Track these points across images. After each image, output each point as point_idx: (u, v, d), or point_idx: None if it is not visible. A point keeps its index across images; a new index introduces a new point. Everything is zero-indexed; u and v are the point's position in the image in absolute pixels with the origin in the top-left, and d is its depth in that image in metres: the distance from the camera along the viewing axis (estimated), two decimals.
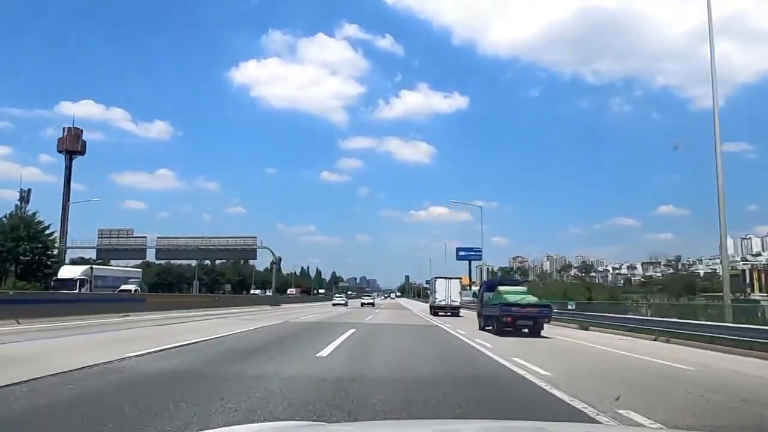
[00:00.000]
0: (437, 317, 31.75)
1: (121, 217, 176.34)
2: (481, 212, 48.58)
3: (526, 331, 16.88)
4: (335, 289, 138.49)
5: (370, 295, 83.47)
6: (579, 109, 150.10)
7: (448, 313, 34.43)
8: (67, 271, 41.71)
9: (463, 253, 73.65)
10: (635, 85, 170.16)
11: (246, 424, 3.85)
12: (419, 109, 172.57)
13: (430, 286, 45.08)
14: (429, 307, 39.11)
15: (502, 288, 18.44)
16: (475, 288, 43.76)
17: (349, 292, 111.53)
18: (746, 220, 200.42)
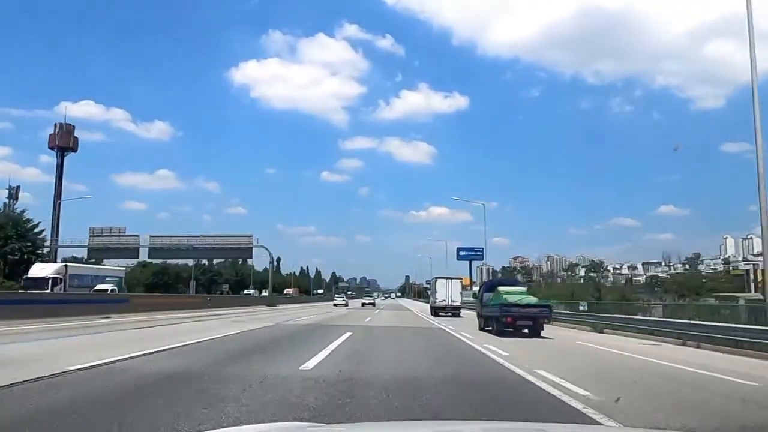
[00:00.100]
0: (438, 318, 31.51)
1: (121, 218, 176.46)
2: (483, 210, 46.96)
3: (526, 331, 16.68)
4: (335, 290, 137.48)
5: (371, 296, 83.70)
6: (579, 109, 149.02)
7: (449, 314, 34.37)
8: (39, 269, 37.70)
9: (463, 253, 73.40)
10: (635, 85, 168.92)
11: (253, 424, 3.95)
12: (419, 110, 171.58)
13: (431, 287, 45.15)
14: (429, 308, 39.20)
15: (501, 288, 18.34)
16: (476, 288, 42.57)
17: (349, 293, 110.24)
18: (747, 221, 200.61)
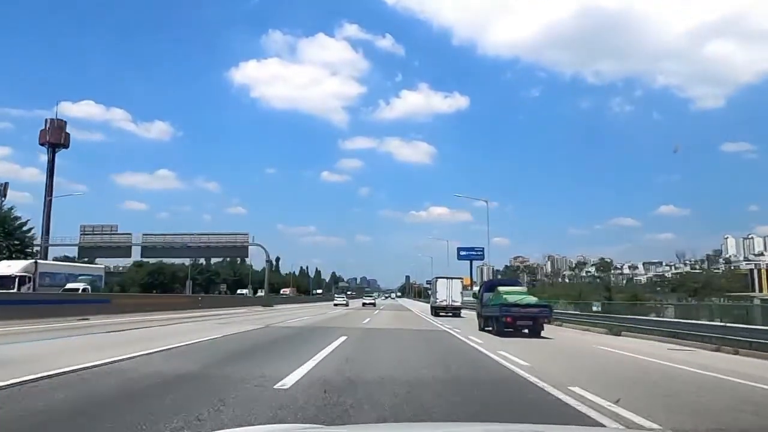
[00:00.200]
0: (439, 318, 31.24)
1: (121, 218, 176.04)
2: (486, 207, 45.48)
3: (526, 331, 16.65)
4: (335, 290, 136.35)
5: (371, 296, 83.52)
6: (579, 109, 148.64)
7: (449, 314, 34.32)
8: (4, 267, 34.73)
9: (464, 253, 72.60)
10: (636, 85, 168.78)
11: (256, 426, 3.95)
12: (420, 109, 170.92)
13: (431, 287, 45.24)
14: (430, 308, 39.13)
15: (501, 288, 18.36)
16: (477, 288, 41.62)
17: (349, 293, 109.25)
18: (747, 220, 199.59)
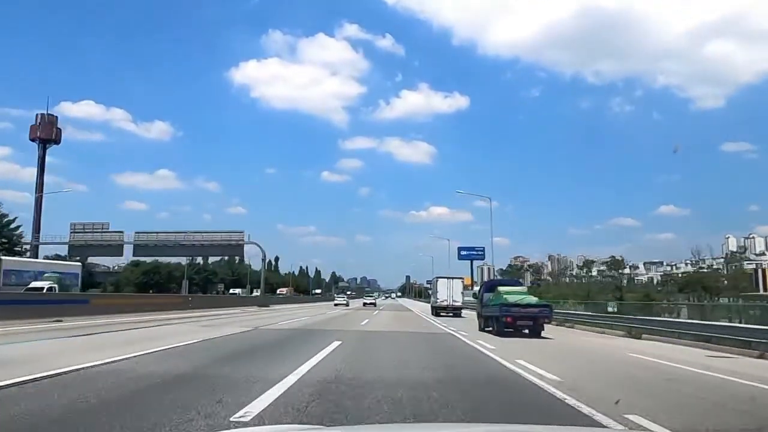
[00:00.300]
0: (439, 318, 30.91)
1: (121, 218, 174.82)
2: (489, 204, 44.17)
3: (527, 331, 16.60)
4: (335, 290, 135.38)
5: (372, 296, 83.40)
6: (579, 109, 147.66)
7: (450, 314, 34.01)
8: None
9: (464, 253, 71.85)
10: (636, 85, 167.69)
11: (257, 426, 4.09)
12: (420, 109, 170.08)
13: (432, 287, 44.76)
14: (430, 308, 38.85)
15: (501, 288, 18.35)
16: (477, 288, 40.58)
17: (349, 293, 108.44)
18: (747, 220, 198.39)
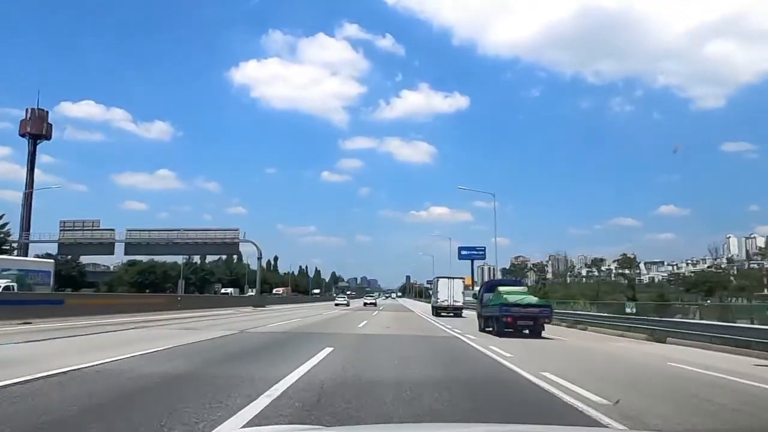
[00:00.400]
0: (440, 318, 31.19)
1: (121, 218, 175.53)
2: (493, 200, 43.84)
3: (527, 332, 16.57)
4: (335, 290, 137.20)
5: (372, 295, 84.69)
6: (580, 109, 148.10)
7: (451, 314, 34.08)
8: None
9: (465, 253, 71.13)
10: (636, 85, 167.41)
11: (258, 426, 3.95)
12: (420, 109, 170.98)
13: (432, 286, 44.68)
14: (431, 308, 38.81)
15: (502, 288, 18.26)
16: (478, 288, 42.01)
17: (349, 292, 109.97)
18: (747, 220, 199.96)
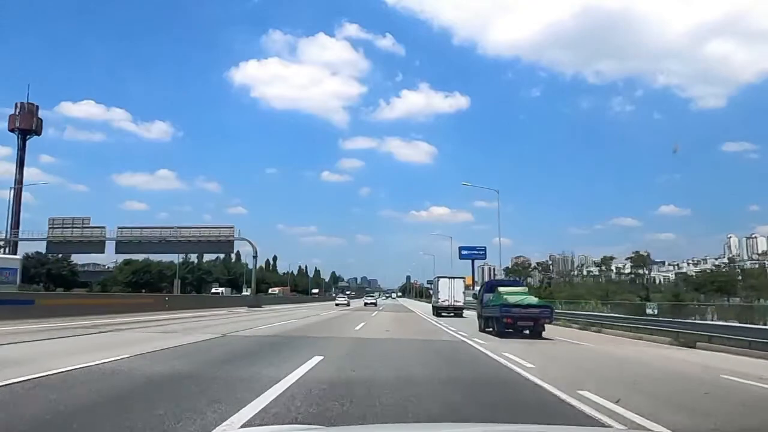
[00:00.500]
0: (441, 318, 31.19)
1: (121, 218, 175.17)
2: (497, 196, 43.31)
3: (527, 332, 16.56)
4: (335, 290, 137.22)
5: (372, 295, 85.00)
6: (580, 109, 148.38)
7: (452, 314, 34.06)
8: None
9: (465, 252, 70.65)
10: (636, 85, 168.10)
11: (258, 426, 3.90)
12: (420, 109, 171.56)
13: (433, 286, 44.45)
14: (432, 308, 38.72)
15: (502, 289, 18.25)
16: (478, 288, 41.67)
17: (349, 292, 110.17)
18: (748, 220, 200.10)
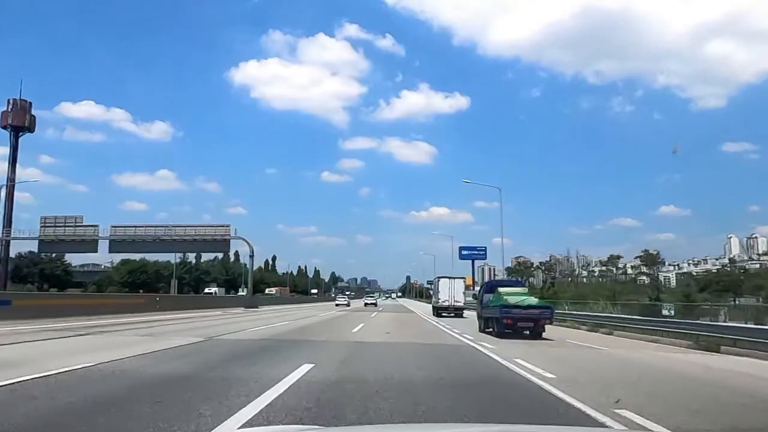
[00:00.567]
0: (441, 318, 31.12)
1: (121, 218, 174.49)
2: (500, 194, 40.88)
3: (527, 333, 16.51)
4: (335, 290, 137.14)
5: (373, 296, 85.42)
6: (580, 109, 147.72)
7: (452, 314, 33.95)
8: None
9: (466, 253, 70.54)
10: (636, 85, 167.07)
11: (258, 427, 3.85)
12: (420, 109, 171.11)
13: (433, 287, 44.27)
14: (432, 308, 38.63)
15: (502, 289, 18.23)
16: (478, 289, 41.25)
17: (349, 293, 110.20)
18: (748, 221, 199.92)
